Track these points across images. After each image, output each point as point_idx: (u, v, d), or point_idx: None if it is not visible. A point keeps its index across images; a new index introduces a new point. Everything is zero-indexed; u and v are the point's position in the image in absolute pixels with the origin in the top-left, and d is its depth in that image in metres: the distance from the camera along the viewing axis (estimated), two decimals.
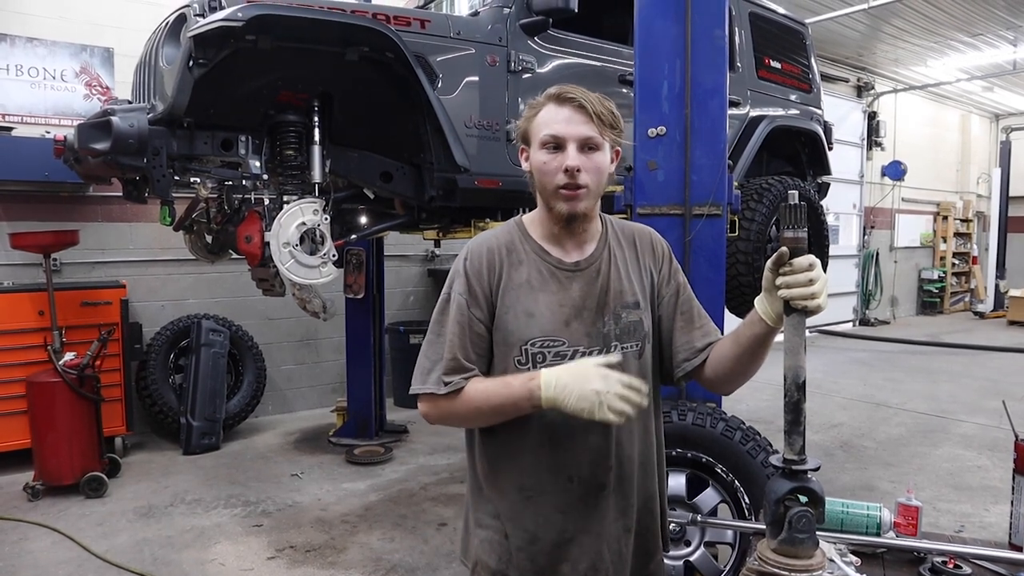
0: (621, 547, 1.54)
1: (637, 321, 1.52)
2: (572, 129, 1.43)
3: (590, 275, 1.51)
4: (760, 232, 3.99)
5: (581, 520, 1.50)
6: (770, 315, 1.35)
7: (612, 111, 1.46)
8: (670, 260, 1.62)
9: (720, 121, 3.02)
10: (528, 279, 1.49)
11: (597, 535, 1.50)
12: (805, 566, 1.26)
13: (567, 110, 1.43)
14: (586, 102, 1.43)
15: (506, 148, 3.74)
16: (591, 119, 1.42)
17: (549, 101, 1.46)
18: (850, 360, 8.99)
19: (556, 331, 1.47)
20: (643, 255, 1.59)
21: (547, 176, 1.45)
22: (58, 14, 5.24)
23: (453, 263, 1.55)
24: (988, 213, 14.99)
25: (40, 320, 4.61)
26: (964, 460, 5.05)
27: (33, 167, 4.85)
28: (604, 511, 1.51)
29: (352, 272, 5.34)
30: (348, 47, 3.14)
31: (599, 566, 1.50)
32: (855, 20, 9.27)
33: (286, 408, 6.42)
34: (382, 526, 3.92)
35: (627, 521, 1.54)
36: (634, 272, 1.56)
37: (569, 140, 1.43)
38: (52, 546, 3.64)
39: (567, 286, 1.50)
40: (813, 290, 1.25)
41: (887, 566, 1.74)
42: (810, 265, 1.25)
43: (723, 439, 2.74)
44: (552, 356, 1.46)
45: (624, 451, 1.51)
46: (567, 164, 1.42)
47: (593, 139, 1.43)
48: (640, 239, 1.61)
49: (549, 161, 1.44)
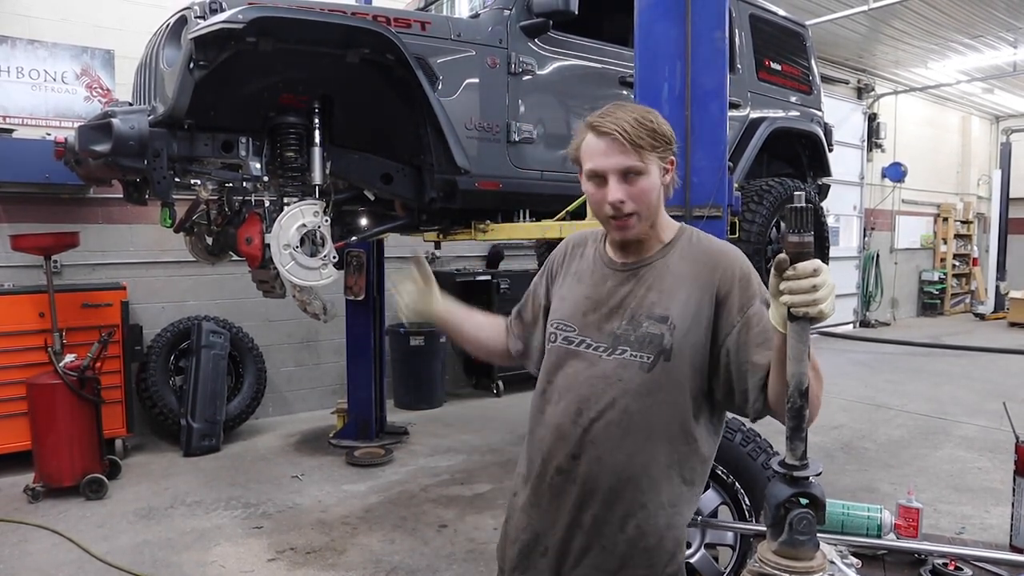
0: (572, 541, 1.51)
1: (657, 335, 1.45)
2: (610, 162, 1.43)
3: (627, 277, 1.54)
4: (760, 234, 3.99)
5: (535, 495, 1.57)
6: (778, 323, 1.27)
7: (653, 130, 1.43)
8: (744, 287, 1.46)
9: (720, 123, 3.01)
10: (578, 271, 1.63)
11: (544, 513, 1.55)
12: (806, 568, 1.26)
13: (604, 142, 1.43)
14: (621, 132, 1.40)
15: (506, 150, 3.74)
16: (627, 148, 1.41)
17: (589, 131, 1.47)
18: (850, 362, 8.98)
19: (573, 318, 1.56)
20: (700, 276, 1.49)
21: (597, 207, 1.50)
22: (59, 16, 5.25)
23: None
24: (988, 215, 14.99)
25: (40, 322, 4.61)
26: (965, 462, 5.04)
27: (34, 169, 4.85)
28: (561, 496, 1.52)
29: (352, 274, 5.34)
30: (349, 49, 3.14)
31: (540, 542, 1.56)
32: (855, 22, 9.27)
33: (286, 410, 6.42)
34: (382, 528, 3.92)
35: (582, 517, 1.50)
36: (680, 290, 1.48)
37: (609, 173, 1.43)
38: (52, 548, 3.64)
39: (602, 283, 1.56)
40: (816, 296, 1.18)
41: (888, 568, 1.73)
42: (814, 271, 1.18)
43: (723, 440, 2.73)
44: (562, 339, 1.57)
45: (598, 447, 1.47)
46: (608, 199, 1.44)
47: (633, 167, 1.42)
48: (708, 260, 1.50)
49: (595, 193, 1.48)
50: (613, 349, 1.48)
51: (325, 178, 3.40)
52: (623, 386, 1.47)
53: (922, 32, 9.98)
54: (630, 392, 1.47)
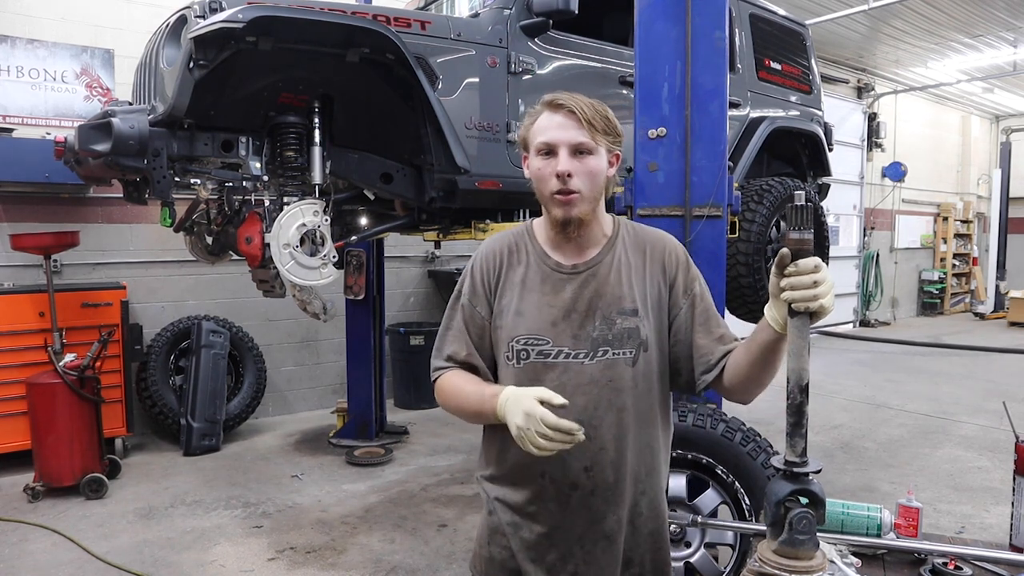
0: (597, 551, 1.52)
1: (633, 328, 1.50)
2: (563, 135, 1.45)
3: (585, 279, 1.52)
4: (760, 233, 3.99)
5: (551, 517, 1.52)
6: (778, 321, 1.31)
7: (606, 117, 1.48)
8: (686, 269, 1.58)
9: (720, 122, 3.02)
10: (523, 279, 1.54)
11: (567, 532, 1.52)
12: (806, 567, 1.26)
13: (559, 116, 1.46)
14: (577, 108, 1.44)
15: (506, 149, 3.74)
16: (582, 124, 1.44)
17: (544, 108, 1.49)
18: (850, 361, 8.99)
19: (541, 330, 1.50)
20: (651, 263, 1.56)
21: (542, 182, 1.49)
22: (59, 16, 5.25)
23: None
24: (988, 214, 14.99)
25: (40, 321, 4.61)
26: (965, 461, 5.05)
27: (34, 168, 4.85)
28: (576, 510, 1.51)
29: (352, 273, 5.34)
30: (349, 48, 3.14)
31: (568, 561, 1.53)
32: (855, 21, 9.27)
33: (286, 409, 6.42)
34: (382, 527, 3.92)
35: (604, 524, 1.52)
36: (637, 279, 1.54)
37: (560, 145, 1.45)
38: (52, 547, 3.64)
39: (560, 288, 1.52)
40: (817, 292, 1.22)
41: (888, 567, 1.73)
42: (815, 267, 1.22)
43: (724, 440, 2.74)
44: (536, 354, 1.50)
45: (607, 455, 1.49)
46: (558, 169, 1.44)
47: (585, 144, 1.45)
48: (652, 247, 1.58)
49: (543, 167, 1.47)
50: (594, 352, 1.49)
51: (325, 178, 3.40)
52: (614, 386, 1.49)
53: (922, 32, 9.98)
54: (624, 390, 1.50)
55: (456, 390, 1.53)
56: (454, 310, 1.60)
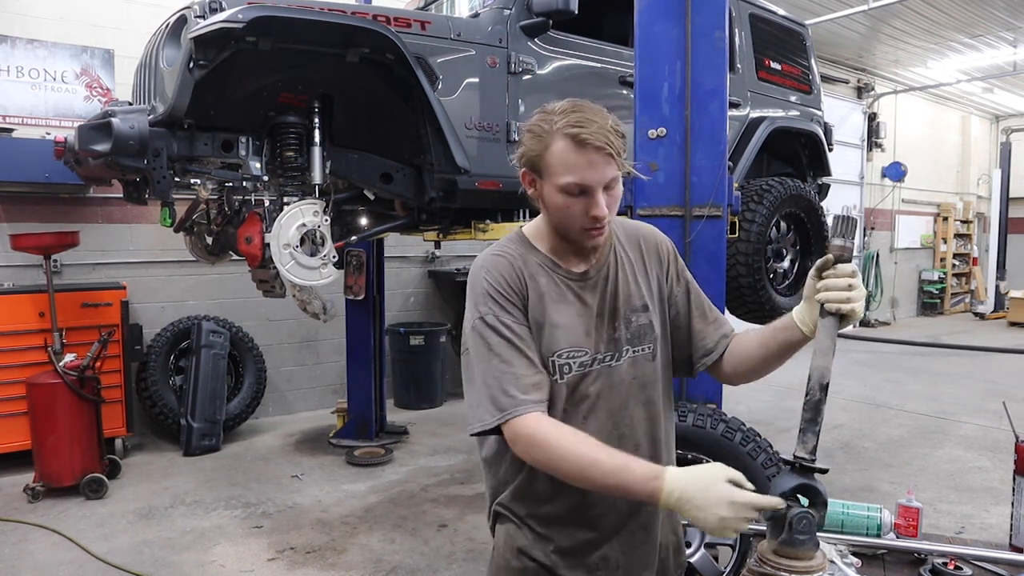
0: (636, 542, 1.52)
1: (647, 324, 1.53)
2: (596, 176, 1.35)
3: (599, 283, 1.52)
4: (760, 233, 3.99)
5: (593, 522, 1.49)
6: (807, 324, 1.39)
7: (623, 135, 1.38)
8: (676, 259, 1.63)
9: (720, 122, 3.02)
10: (547, 293, 1.46)
11: (608, 532, 1.50)
12: (806, 567, 1.27)
13: (590, 155, 1.33)
14: (608, 144, 1.33)
15: (506, 150, 3.74)
16: (612, 160, 1.35)
17: (565, 140, 1.34)
18: (851, 361, 8.98)
19: (580, 341, 1.46)
20: (648, 257, 1.59)
21: (571, 219, 1.40)
22: (58, 16, 5.25)
23: (468, 288, 1.48)
24: (988, 214, 14.99)
25: (40, 321, 4.61)
26: (965, 461, 5.05)
27: (34, 168, 4.84)
28: (618, 510, 1.50)
29: (352, 273, 5.34)
30: (349, 48, 3.14)
31: (609, 559, 1.50)
32: (855, 21, 9.27)
33: (286, 409, 6.42)
34: (382, 527, 3.92)
35: (641, 519, 1.51)
36: (640, 275, 1.56)
37: (596, 188, 1.36)
38: (52, 547, 3.64)
39: (582, 296, 1.49)
40: (851, 295, 1.31)
41: (888, 567, 1.73)
42: (852, 273, 1.32)
43: (724, 440, 2.74)
44: (577, 366, 1.45)
45: (643, 452, 1.49)
46: (598, 213, 1.37)
47: (616, 177, 1.38)
48: (645, 241, 1.61)
49: (572, 205, 1.38)
50: (620, 353, 1.50)
51: (325, 178, 3.40)
52: (640, 382, 1.52)
53: (922, 32, 9.98)
54: (648, 385, 1.53)
55: (571, 450, 1.31)
56: (491, 348, 1.38)
